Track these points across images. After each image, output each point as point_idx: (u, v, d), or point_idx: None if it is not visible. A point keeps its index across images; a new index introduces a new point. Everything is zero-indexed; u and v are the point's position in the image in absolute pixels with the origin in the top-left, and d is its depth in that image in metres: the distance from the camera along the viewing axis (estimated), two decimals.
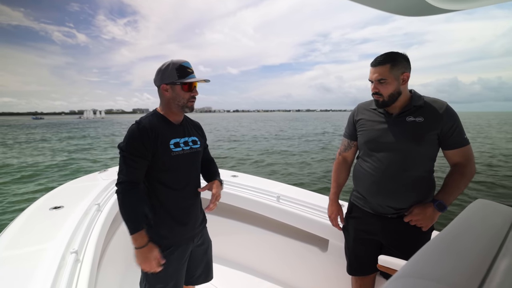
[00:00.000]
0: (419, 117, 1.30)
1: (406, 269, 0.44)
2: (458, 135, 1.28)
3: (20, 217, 1.63)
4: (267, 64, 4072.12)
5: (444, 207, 1.29)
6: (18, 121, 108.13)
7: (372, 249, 1.48)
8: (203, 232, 1.48)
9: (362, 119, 1.48)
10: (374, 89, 1.35)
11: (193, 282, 1.49)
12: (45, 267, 1.12)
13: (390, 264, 1.15)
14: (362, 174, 1.45)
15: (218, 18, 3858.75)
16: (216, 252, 2.42)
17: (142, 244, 1.17)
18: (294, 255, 2.10)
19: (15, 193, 7.06)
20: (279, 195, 2.13)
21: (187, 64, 1.25)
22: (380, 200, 1.38)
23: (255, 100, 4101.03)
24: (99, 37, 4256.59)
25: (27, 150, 15.70)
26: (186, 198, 1.32)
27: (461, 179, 1.30)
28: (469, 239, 0.55)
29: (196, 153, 1.36)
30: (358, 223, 1.51)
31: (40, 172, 9.56)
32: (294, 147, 15.42)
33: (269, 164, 10.47)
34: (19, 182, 8.23)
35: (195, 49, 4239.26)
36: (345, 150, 1.61)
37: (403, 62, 1.30)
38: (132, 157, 1.16)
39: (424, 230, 1.32)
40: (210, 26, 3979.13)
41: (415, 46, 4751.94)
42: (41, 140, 21.98)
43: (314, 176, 8.46)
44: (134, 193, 1.17)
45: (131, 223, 1.15)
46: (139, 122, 1.21)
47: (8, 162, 11.33)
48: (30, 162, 11.55)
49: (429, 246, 0.51)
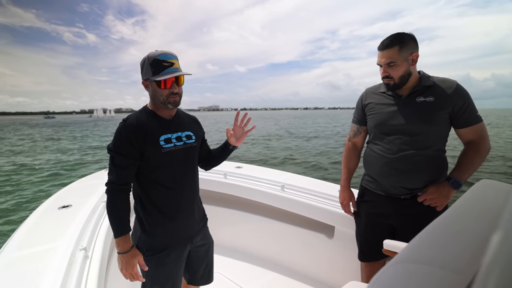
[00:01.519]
0: (429, 97, 1.28)
1: (404, 253, 0.42)
2: (470, 113, 1.25)
3: (30, 217, 1.68)
4: (274, 62, 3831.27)
5: (460, 184, 1.27)
6: (32, 120, 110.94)
7: (384, 234, 1.46)
8: (204, 231, 1.39)
9: (371, 103, 1.46)
10: (384, 73, 1.32)
11: (195, 283, 1.44)
12: (56, 264, 1.15)
13: (395, 248, 1.15)
14: (373, 158, 1.43)
15: (225, 16, 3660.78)
16: (223, 243, 2.46)
17: (125, 249, 1.12)
18: (300, 243, 2.10)
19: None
20: (284, 184, 2.13)
21: (163, 57, 1.13)
22: (392, 181, 1.36)
23: (263, 98, 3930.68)
24: (108, 37, 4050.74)
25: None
26: (181, 197, 1.24)
27: (476, 155, 1.27)
28: (470, 220, 0.53)
29: (191, 148, 1.27)
30: (370, 207, 1.49)
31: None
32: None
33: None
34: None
35: (203, 47, 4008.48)
36: (355, 135, 1.60)
37: (411, 42, 1.27)
38: (120, 157, 1.11)
39: (438, 209, 1.30)
40: (218, 24, 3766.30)
41: (425, 42, 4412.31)
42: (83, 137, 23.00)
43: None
44: (121, 196, 1.13)
45: (115, 226, 1.12)
46: (125, 120, 1.14)
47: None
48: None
49: (429, 230, 0.50)
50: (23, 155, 13.68)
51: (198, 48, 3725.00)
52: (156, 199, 1.20)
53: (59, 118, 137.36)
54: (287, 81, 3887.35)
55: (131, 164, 1.13)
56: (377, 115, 1.42)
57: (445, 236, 0.47)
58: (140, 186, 1.20)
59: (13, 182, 7.96)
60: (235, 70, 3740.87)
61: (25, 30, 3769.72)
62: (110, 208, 1.12)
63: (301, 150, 13.33)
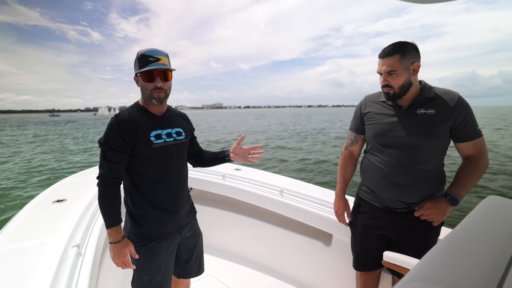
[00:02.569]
0: (431, 109, 1.25)
1: (416, 272, 0.41)
2: (471, 127, 1.23)
3: (23, 210, 1.65)
4: (278, 60, 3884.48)
5: (457, 201, 1.25)
6: (40, 118, 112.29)
7: (380, 245, 1.45)
8: (192, 224, 1.44)
9: (370, 112, 1.43)
10: (384, 82, 1.30)
11: (185, 275, 1.48)
12: (47, 261, 1.13)
13: (395, 261, 1.13)
14: (371, 169, 1.41)
15: (229, 13, 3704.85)
16: (219, 246, 2.45)
17: (117, 239, 1.17)
18: (298, 250, 2.08)
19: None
20: (283, 189, 2.09)
21: (150, 52, 1.17)
22: (390, 195, 1.34)
23: (266, 96, 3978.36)
24: (112, 35, 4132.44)
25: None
26: (170, 190, 1.28)
27: (474, 172, 1.25)
28: (483, 239, 0.51)
29: (180, 144, 1.32)
30: (367, 218, 1.47)
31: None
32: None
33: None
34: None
35: (207, 45, 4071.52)
36: (352, 144, 1.57)
37: (413, 51, 1.24)
38: (111, 152, 1.14)
39: (435, 224, 1.29)
40: (221, 22, 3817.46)
41: (431, 39, 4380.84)
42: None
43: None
44: (113, 188, 1.17)
45: (107, 217, 1.16)
46: (117, 116, 1.18)
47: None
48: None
49: (441, 247, 0.48)
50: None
51: (202, 45, 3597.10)
52: (145, 192, 1.24)
53: (64, 116, 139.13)
54: (291, 78, 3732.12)
55: (122, 159, 1.17)
56: (376, 125, 1.38)
57: (458, 254, 0.46)
58: (130, 179, 1.24)
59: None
60: (239, 68, 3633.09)
61: (30, 29, 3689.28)
62: (102, 201, 1.16)
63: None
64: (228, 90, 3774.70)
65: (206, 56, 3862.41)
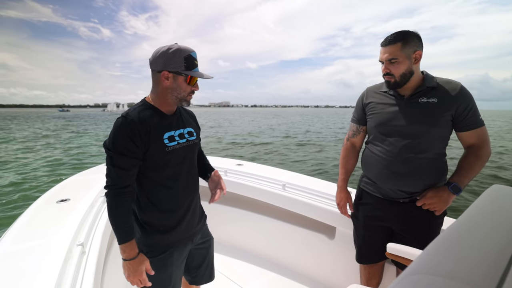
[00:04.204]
0: (433, 98, 1.25)
1: (418, 264, 0.40)
2: (473, 116, 1.23)
3: (28, 210, 1.67)
4: (286, 59, 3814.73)
5: (459, 189, 1.25)
6: (48, 113, 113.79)
7: (382, 236, 1.44)
8: (203, 230, 1.37)
9: (372, 102, 1.43)
10: (385, 70, 1.29)
11: (197, 282, 1.41)
12: (52, 260, 1.13)
13: (399, 252, 1.13)
14: (372, 159, 1.41)
15: (237, 12, 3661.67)
16: (223, 241, 2.45)
17: (132, 255, 1.06)
18: (301, 243, 2.08)
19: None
20: (285, 183, 2.10)
21: (195, 55, 1.10)
22: (391, 185, 1.33)
23: (273, 96, 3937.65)
24: (122, 32, 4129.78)
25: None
26: (182, 196, 1.20)
27: (476, 161, 1.25)
28: (486, 229, 0.50)
29: (193, 145, 1.23)
30: (369, 210, 1.47)
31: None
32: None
33: None
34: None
35: (215, 43, 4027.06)
36: (354, 135, 1.57)
37: (415, 40, 1.24)
38: (120, 157, 1.01)
39: (437, 214, 1.28)
40: (230, 20, 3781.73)
41: (443, 40, 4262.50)
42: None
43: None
44: (124, 198, 1.04)
45: (120, 232, 1.03)
46: (126, 116, 1.04)
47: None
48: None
49: (443, 238, 0.47)
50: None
51: (210, 44, 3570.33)
52: (156, 199, 1.14)
53: (73, 112, 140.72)
54: (299, 78, 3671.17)
55: (133, 165, 1.04)
56: (378, 115, 1.38)
57: (462, 245, 0.45)
58: (138, 185, 1.13)
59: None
60: (247, 67, 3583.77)
61: (42, 25, 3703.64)
62: (112, 213, 1.03)
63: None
64: (235, 88, 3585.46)
65: (214, 55, 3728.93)
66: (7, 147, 13.41)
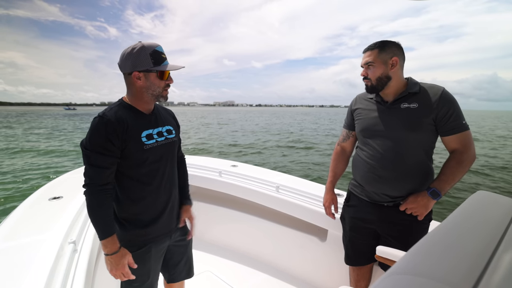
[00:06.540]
0: (414, 104, 1.28)
1: (400, 265, 0.42)
2: (455, 121, 1.23)
3: (20, 207, 1.66)
4: (291, 58, 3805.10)
5: (438, 194, 1.26)
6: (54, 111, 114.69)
7: (369, 239, 1.47)
8: (183, 227, 1.39)
9: (359, 108, 1.50)
10: (363, 74, 1.37)
11: (174, 279, 1.42)
12: (43, 257, 1.13)
13: (388, 255, 1.13)
14: (359, 163, 1.45)
15: (243, 11, 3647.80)
16: (215, 242, 2.47)
17: (113, 250, 1.08)
18: (293, 245, 2.09)
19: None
20: (279, 185, 2.11)
21: (160, 49, 1.11)
22: (376, 188, 1.36)
23: (278, 95, 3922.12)
24: (128, 31, 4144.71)
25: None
26: (161, 193, 1.22)
27: (458, 167, 1.26)
28: (468, 232, 0.52)
29: (172, 143, 1.25)
30: (355, 212, 1.50)
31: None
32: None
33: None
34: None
35: (220, 42, 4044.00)
36: (344, 140, 1.63)
37: (393, 47, 1.31)
38: (98, 156, 1.03)
39: (419, 219, 1.30)
40: (235, 19, 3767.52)
41: (450, 40, 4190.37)
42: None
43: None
44: (104, 196, 1.06)
45: (101, 228, 1.06)
46: (102, 115, 1.05)
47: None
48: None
49: (426, 240, 0.49)
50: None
51: (215, 43, 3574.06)
52: (134, 196, 1.16)
53: (80, 110, 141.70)
54: (304, 78, 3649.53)
55: (111, 163, 1.07)
56: (363, 120, 1.44)
57: (443, 247, 0.46)
58: (117, 182, 1.15)
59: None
60: (252, 66, 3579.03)
61: (50, 24, 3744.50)
62: (92, 210, 1.05)
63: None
64: (240, 88, 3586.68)
65: (219, 54, 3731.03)
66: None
